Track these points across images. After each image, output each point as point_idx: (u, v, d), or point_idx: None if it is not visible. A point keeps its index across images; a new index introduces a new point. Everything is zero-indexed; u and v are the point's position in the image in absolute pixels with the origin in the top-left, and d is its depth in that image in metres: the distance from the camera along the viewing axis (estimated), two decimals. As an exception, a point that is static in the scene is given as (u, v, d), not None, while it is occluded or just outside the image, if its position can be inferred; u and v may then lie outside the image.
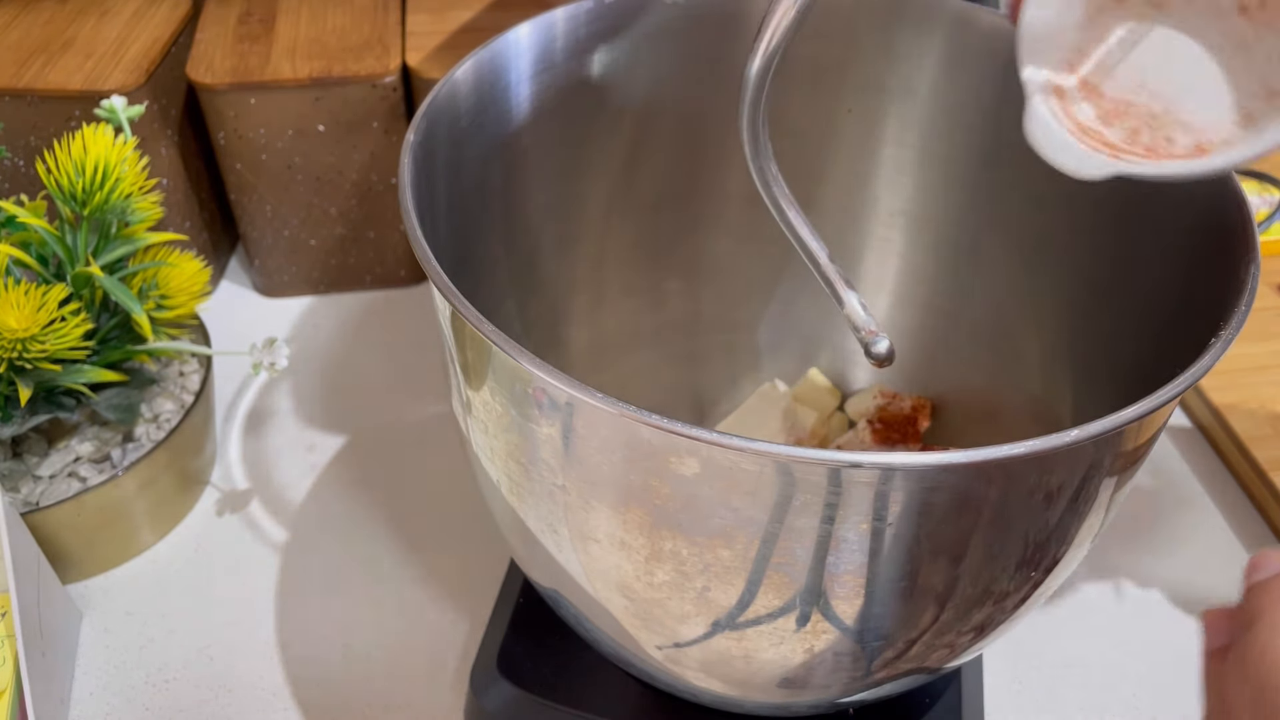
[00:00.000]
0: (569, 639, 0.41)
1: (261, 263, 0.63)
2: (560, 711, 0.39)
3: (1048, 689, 0.44)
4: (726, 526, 0.27)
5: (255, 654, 0.45)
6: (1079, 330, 0.40)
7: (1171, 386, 0.25)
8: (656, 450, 0.25)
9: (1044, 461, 0.26)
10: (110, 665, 0.44)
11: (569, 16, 0.40)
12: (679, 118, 0.45)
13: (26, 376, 0.42)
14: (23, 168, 0.57)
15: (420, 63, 0.57)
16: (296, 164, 0.58)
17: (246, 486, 0.53)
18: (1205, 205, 0.33)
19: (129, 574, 0.48)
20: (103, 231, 0.45)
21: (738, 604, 0.29)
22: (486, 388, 0.29)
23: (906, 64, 0.43)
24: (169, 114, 0.57)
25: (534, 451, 0.29)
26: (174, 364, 0.51)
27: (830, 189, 0.47)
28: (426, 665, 0.45)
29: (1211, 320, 0.28)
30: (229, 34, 0.59)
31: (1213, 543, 0.50)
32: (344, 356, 0.61)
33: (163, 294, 0.47)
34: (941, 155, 0.44)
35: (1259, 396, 0.55)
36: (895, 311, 0.49)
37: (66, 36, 0.58)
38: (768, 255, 0.50)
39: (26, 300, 0.41)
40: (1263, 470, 0.51)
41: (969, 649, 0.33)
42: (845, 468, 0.24)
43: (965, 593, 0.29)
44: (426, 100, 0.35)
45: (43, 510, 0.43)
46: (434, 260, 0.28)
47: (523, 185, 0.43)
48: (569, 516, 0.29)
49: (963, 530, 0.27)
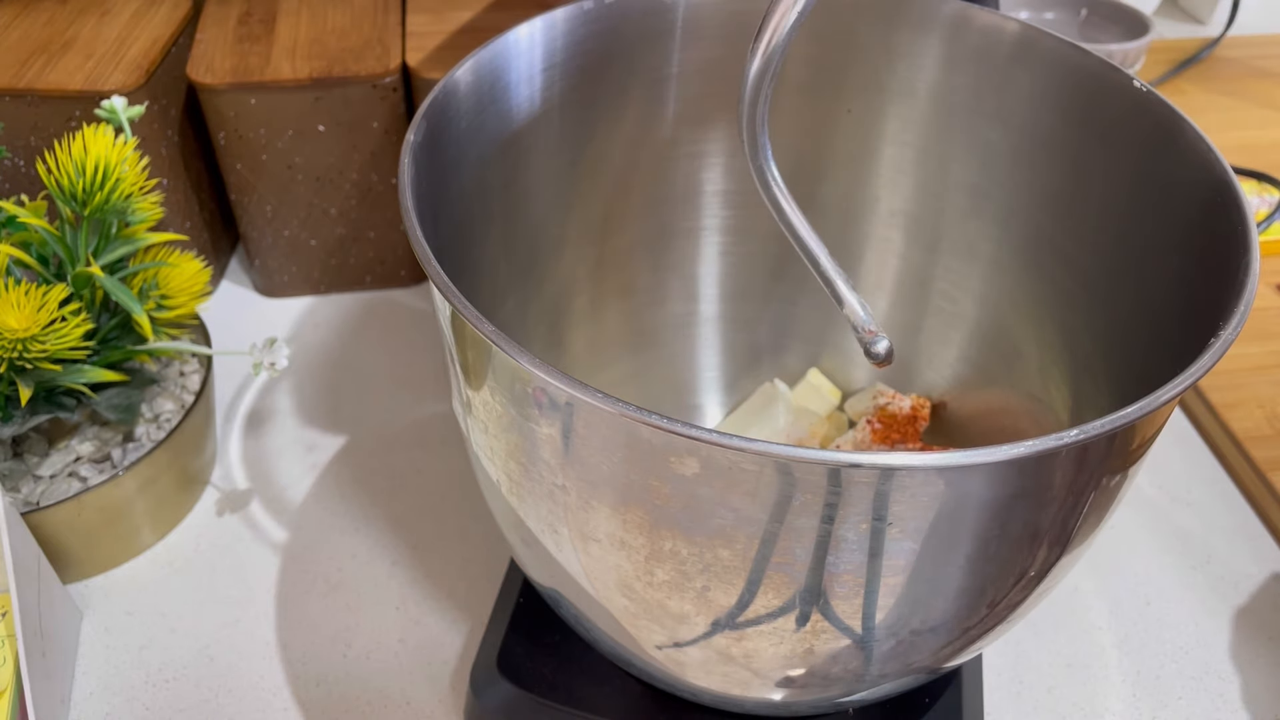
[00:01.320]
0: (569, 639, 0.41)
1: (262, 263, 0.63)
2: (560, 711, 0.39)
3: (1048, 689, 0.44)
4: (726, 526, 0.27)
5: (255, 654, 0.45)
6: (1079, 330, 0.40)
7: (1171, 386, 0.25)
8: (656, 450, 0.25)
9: (1044, 461, 0.26)
10: (110, 665, 0.44)
11: (569, 16, 0.40)
12: (679, 117, 0.45)
13: (27, 376, 0.43)
14: (23, 168, 0.57)
15: (420, 63, 0.57)
16: (297, 164, 0.58)
17: (246, 486, 0.53)
18: (1205, 205, 0.33)
19: (129, 574, 0.48)
20: (103, 231, 0.45)
21: (738, 604, 0.29)
22: (486, 388, 0.29)
23: (906, 64, 0.43)
24: (169, 114, 0.57)
25: (534, 451, 0.29)
26: (174, 364, 0.51)
27: (830, 189, 0.47)
28: (426, 665, 0.45)
29: (1211, 320, 0.28)
30: (229, 34, 0.59)
31: (1212, 543, 0.50)
32: (344, 356, 0.61)
33: (163, 294, 0.47)
34: (941, 155, 0.44)
35: (1259, 396, 0.55)
36: (895, 311, 0.49)
37: (67, 37, 0.58)
38: (767, 255, 0.50)
39: (27, 300, 0.41)
40: (1262, 470, 0.51)
41: (969, 649, 0.33)
42: (845, 468, 0.24)
43: (965, 592, 0.29)
44: (426, 100, 0.35)
45: (43, 510, 0.43)
46: (434, 260, 0.28)
47: (523, 185, 0.43)
48: (569, 516, 0.30)
49: (962, 530, 0.27)
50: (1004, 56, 0.41)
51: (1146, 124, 0.36)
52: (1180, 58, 0.86)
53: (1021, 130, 0.41)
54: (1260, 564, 0.49)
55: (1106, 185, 0.38)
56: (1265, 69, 0.86)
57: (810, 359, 0.52)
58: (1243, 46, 0.89)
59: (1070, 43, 0.39)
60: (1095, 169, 0.38)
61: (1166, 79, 0.84)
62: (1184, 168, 0.34)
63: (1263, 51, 0.89)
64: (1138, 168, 0.37)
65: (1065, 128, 0.39)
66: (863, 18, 0.43)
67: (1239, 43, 0.90)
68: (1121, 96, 0.37)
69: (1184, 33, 0.94)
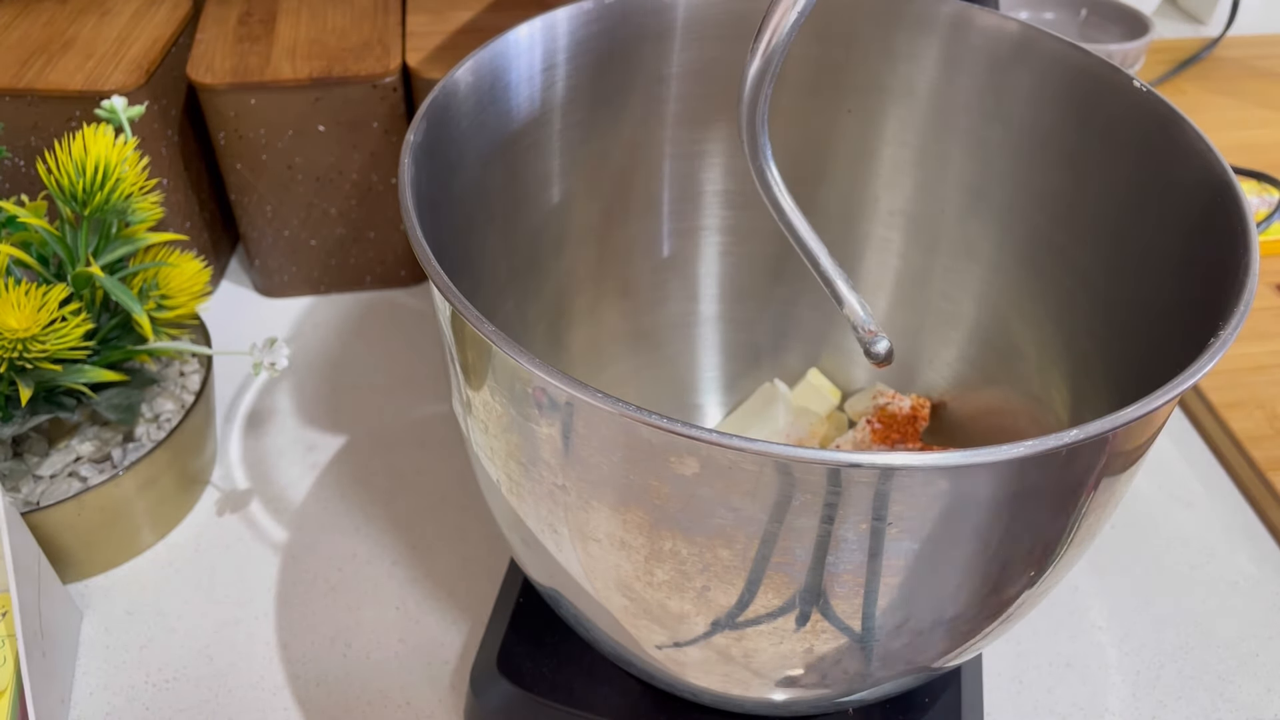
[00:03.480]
0: (569, 639, 0.41)
1: (262, 263, 0.63)
2: (560, 711, 0.39)
3: (1048, 689, 0.44)
4: (726, 526, 0.27)
5: (255, 654, 0.45)
6: (1078, 330, 0.40)
7: (1171, 386, 0.25)
8: (656, 450, 0.25)
9: (1044, 461, 0.26)
10: (110, 665, 0.45)
11: (570, 16, 0.40)
12: (679, 117, 0.45)
13: (27, 376, 0.43)
14: (23, 168, 0.57)
15: (420, 63, 0.57)
16: (297, 164, 0.58)
17: (246, 486, 0.53)
18: (1204, 205, 0.33)
19: (129, 574, 0.48)
20: (103, 231, 0.45)
21: (738, 604, 0.29)
22: (486, 388, 0.29)
23: (906, 64, 0.43)
24: (169, 114, 0.57)
25: (534, 451, 0.29)
26: (174, 364, 0.51)
27: (830, 189, 0.47)
28: (426, 665, 0.45)
29: (1211, 320, 0.28)
30: (229, 34, 0.59)
31: (1212, 543, 0.50)
32: (344, 356, 0.61)
33: (163, 294, 0.47)
34: (941, 155, 0.44)
35: (1258, 396, 0.55)
36: (895, 311, 0.49)
37: (67, 37, 0.58)
38: (767, 255, 0.50)
39: (27, 300, 0.41)
40: (1261, 470, 0.51)
41: (969, 649, 0.33)
42: (845, 468, 0.24)
43: (965, 592, 0.29)
44: (426, 100, 0.35)
45: (43, 510, 0.43)
46: (434, 260, 0.28)
47: (523, 185, 0.43)
48: (569, 516, 0.30)
49: (962, 530, 0.27)
50: (1004, 56, 0.41)
51: (1146, 124, 0.36)
52: (1180, 58, 0.86)
53: (1021, 130, 0.41)
54: (1260, 564, 0.49)
55: (1106, 185, 0.38)
56: (1265, 69, 0.86)
57: (810, 359, 0.52)
58: (1242, 46, 0.89)
59: (1070, 43, 0.39)
60: (1095, 169, 0.38)
61: (1166, 79, 0.84)
62: (1184, 168, 0.34)
63: (1263, 51, 0.89)
64: (1138, 168, 0.37)
65: (1065, 128, 0.39)
66: (863, 18, 0.43)
67: (1239, 43, 0.90)
68: (1121, 96, 0.37)
69: (1184, 33, 0.94)
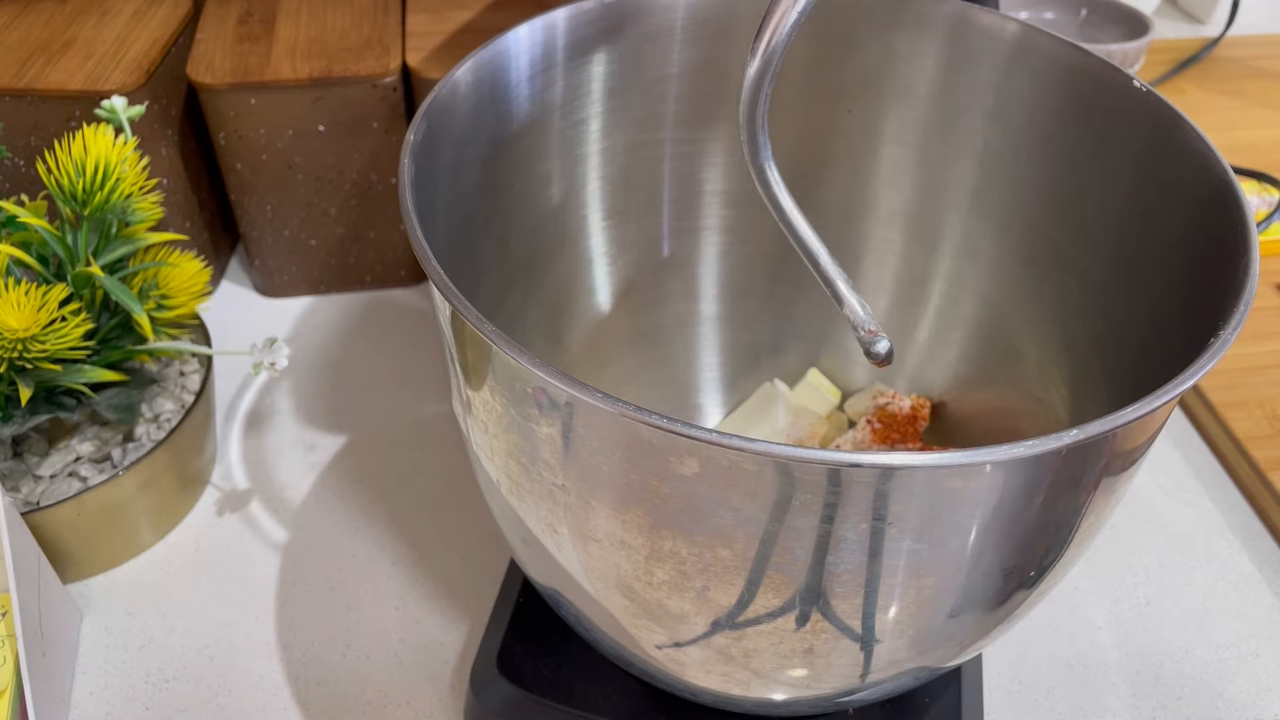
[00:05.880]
0: (569, 639, 0.41)
1: (261, 263, 0.63)
2: (560, 711, 0.39)
3: (1048, 689, 0.44)
4: (726, 526, 0.27)
5: (255, 654, 0.45)
6: (1078, 330, 0.40)
7: (1171, 386, 0.25)
8: (656, 450, 0.25)
9: (1044, 461, 0.26)
10: (110, 665, 0.45)
11: (569, 17, 0.40)
12: (679, 117, 0.45)
13: (27, 376, 0.43)
14: (23, 168, 0.57)
15: (420, 63, 0.57)
16: (296, 164, 0.58)
17: (247, 486, 0.53)
18: (1204, 205, 0.33)
19: (129, 574, 0.48)
20: (103, 231, 0.45)
21: (737, 604, 0.29)
22: (486, 388, 0.29)
23: (906, 64, 0.43)
24: (169, 114, 0.57)
25: (534, 451, 0.29)
26: (174, 364, 0.51)
27: (830, 189, 0.47)
28: (426, 665, 0.45)
29: (1211, 320, 0.28)
30: (229, 34, 0.59)
31: (1212, 543, 0.50)
32: (344, 356, 0.61)
33: (163, 294, 0.47)
34: (941, 155, 0.44)
35: (1258, 396, 0.55)
36: (895, 311, 0.49)
37: (67, 36, 0.58)
38: (767, 255, 0.50)
39: (27, 300, 0.41)
40: (1261, 470, 0.51)
41: (968, 649, 0.33)
42: (845, 468, 0.24)
43: (965, 592, 0.29)
44: (426, 100, 0.35)
45: (43, 510, 0.43)
46: (434, 260, 0.28)
47: (523, 185, 0.43)
48: (569, 516, 0.30)
49: (962, 530, 0.27)
50: (1004, 56, 0.41)
51: (1146, 124, 0.36)
52: (1180, 58, 0.86)
53: (1021, 130, 0.41)
54: (1260, 564, 0.49)
55: (1106, 185, 0.38)
56: (1265, 69, 0.86)
57: (810, 359, 0.52)
58: (1242, 46, 0.89)
59: (1070, 43, 0.39)
60: (1095, 169, 0.39)
61: (1166, 79, 0.84)
62: (1184, 168, 0.34)
63: (1263, 51, 0.89)
64: (1138, 168, 0.37)
65: (1065, 128, 0.39)
66: (863, 18, 0.43)
67: (1239, 43, 0.90)
68: (1121, 96, 0.37)
69: (1184, 33, 0.94)
